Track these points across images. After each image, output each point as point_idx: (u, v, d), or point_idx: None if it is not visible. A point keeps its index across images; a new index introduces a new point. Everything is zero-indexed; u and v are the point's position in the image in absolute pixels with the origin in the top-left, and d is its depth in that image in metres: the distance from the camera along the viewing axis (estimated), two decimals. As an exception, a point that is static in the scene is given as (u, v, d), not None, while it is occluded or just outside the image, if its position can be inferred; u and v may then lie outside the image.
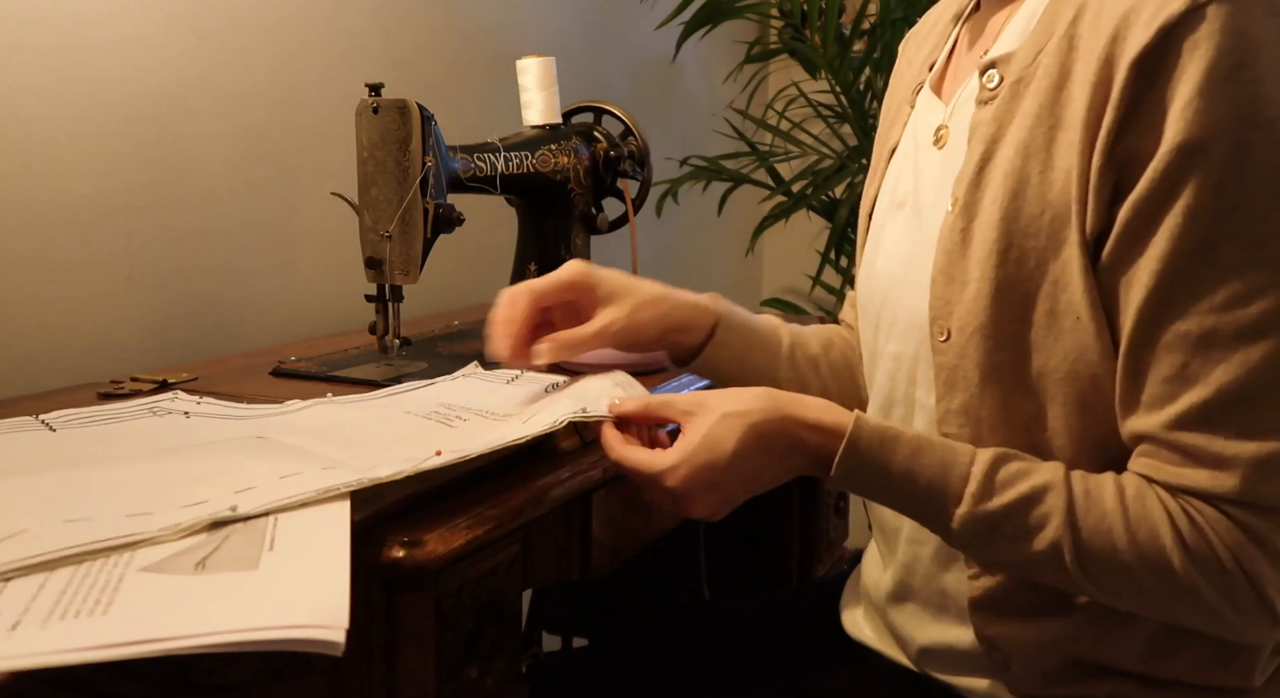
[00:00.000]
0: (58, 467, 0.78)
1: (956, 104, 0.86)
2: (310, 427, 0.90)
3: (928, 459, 0.77)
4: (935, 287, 0.82)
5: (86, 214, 1.21)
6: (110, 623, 0.55)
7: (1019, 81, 0.79)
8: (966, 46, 0.91)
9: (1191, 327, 0.71)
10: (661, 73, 2.38)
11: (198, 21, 1.31)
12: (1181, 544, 0.72)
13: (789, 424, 0.79)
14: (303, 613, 0.56)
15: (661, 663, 1.05)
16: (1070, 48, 0.76)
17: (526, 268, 1.36)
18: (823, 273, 2.34)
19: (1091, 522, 0.73)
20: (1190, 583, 0.72)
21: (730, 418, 0.78)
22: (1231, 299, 0.70)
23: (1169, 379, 0.72)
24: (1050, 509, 0.74)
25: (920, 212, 0.87)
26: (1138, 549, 0.72)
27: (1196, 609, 0.73)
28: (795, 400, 0.80)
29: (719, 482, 0.78)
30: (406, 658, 0.72)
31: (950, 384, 0.81)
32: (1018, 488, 0.75)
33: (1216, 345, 0.70)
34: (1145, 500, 0.73)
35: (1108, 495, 0.74)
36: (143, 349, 1.27)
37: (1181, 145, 0.69)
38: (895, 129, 0.97)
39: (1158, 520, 0.72)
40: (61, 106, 1.17)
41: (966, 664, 0.86)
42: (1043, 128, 0.76)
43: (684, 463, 0.77)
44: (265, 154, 1.41)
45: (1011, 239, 0.77)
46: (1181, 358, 0.71)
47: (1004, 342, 0.78)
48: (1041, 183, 0.76)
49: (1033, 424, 0.79)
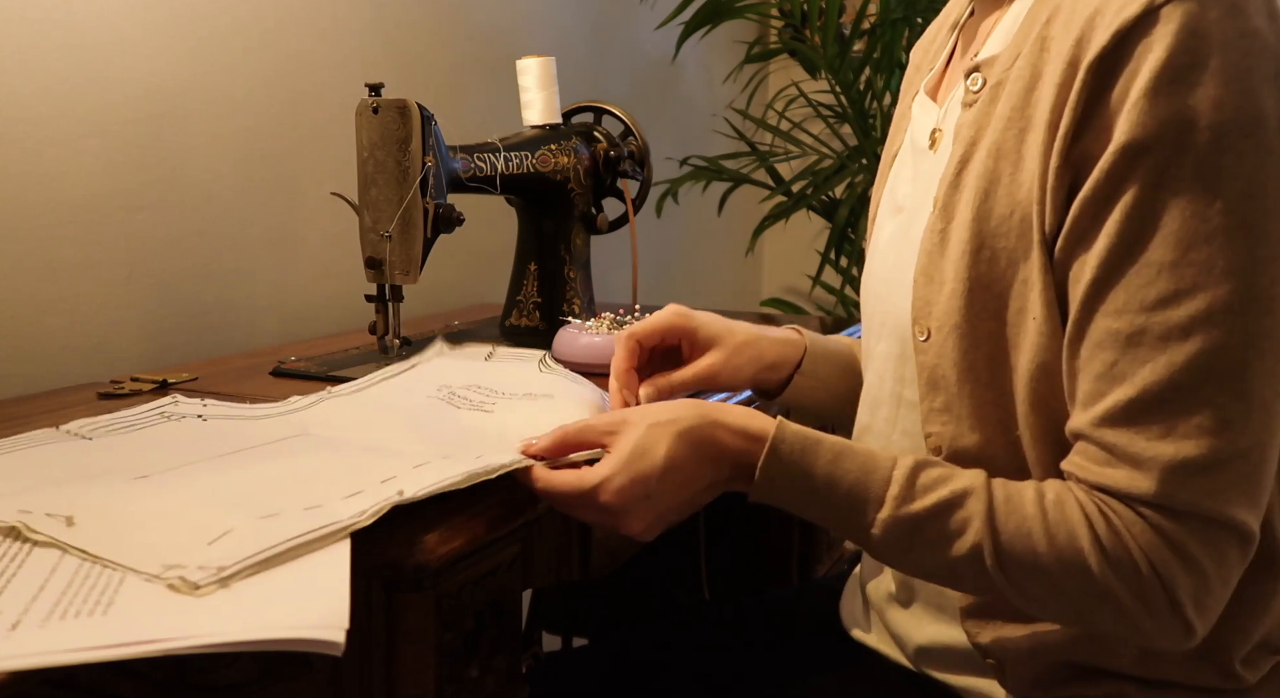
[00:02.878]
0: (145, 473, 0.76)
1: (948, 107, 0.87)
2: (351, 422, 0.91)
3: (849, 464, 0.77)
4: (916, 287, 0.83)
5: (86, 214, 1.21)
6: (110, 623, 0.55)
7: (998, 84, 0.79)
8: (960, 51, 0.92)
9: (1122, 325, 0.71)
10: (661, 73, 2.38)
11: (198, 22, 1.31)
12: (1099, 547, 0.71)
13: (715, 429, 0.78)
14: (303, 613, 0.56)
15: (661, 663, 1.05)
16: (1042, 50, 0.76)
17: (526, 268, 1.36)
18: (823, 273, 2.34)
19: (1012, 525, 0.73)
20: (1107, 586, 0.71)
21: (657, 427, 0.77)
22: (1161, 299, 0.70)
23: (1100, 377, 0.72)
24: (971, 513, 0.74)
25: (912, 215, 0.88)
26: (1056, 552, 0.72)
27: (1113, 614, 0.72)
28: (719, 407, 0.80)
29: (653, 493, 0.77)
30: (406, 658, 0.72)
31: (932, 383, 0.82)
32: (938, 492, 0.75)
33: (1144, 345, 0.70)
34: (1064, 505, 0.73)
35: (1027, 501, 0.74)
36: (143, 349, 1.27)
37: (1125, 145, 0.70)
38: (899, 134, 0.98)
39: (1076, 523, 0.72)
40: (62, 107, 1.17)
41: (965, 665, 0.87)
42: (1014, 130, 0.77)
43: (616, 474, 0.76)
44: (265, 154, 1.41)
45: (983, 240, 0.77)
46: (1112, 356, 0.71)
47: (978, 341, 0.79)
48: (1011, 184, 0.76)
49: (1009, 422, 0.79)
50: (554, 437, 0.80)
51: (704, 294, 2.55)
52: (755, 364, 0.98)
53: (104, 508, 0.68)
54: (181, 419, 0.92)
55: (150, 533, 0.65)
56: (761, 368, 0.98)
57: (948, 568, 0.76)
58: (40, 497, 0.69)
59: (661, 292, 2.32)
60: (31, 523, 0.65)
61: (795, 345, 1.01)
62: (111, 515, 0.67)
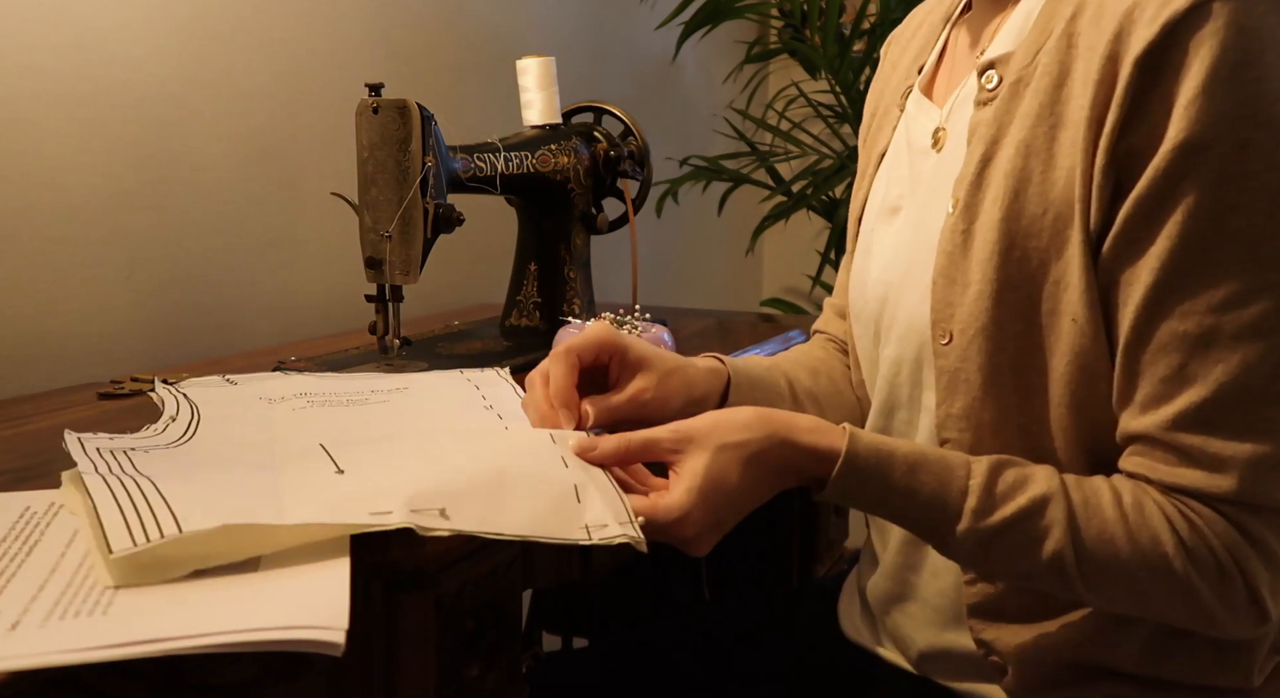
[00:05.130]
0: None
1: (954, 106, 0.86)
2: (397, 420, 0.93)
3: (925, 476, 0.75)
4: (936, 289, 0.81)
5: (86, 214, 1.21)
6: (110, 623, 0.55)
7: (1018, 81, 0.78)
8: (959, 48, 0.91)
9: (1190, 326, 0.71)
10: (661, 73, 2.38)
11: (198, 23, 1.31)
12: (1182, 547, 0.72)
13: (785, 449, 0.76)
14: (303, 613, 0.56)
15: (661, 663, 1.05)
16: (1069, 46, 0.76)
17: (526, 268, 1.36)
18: (822, 273, 2.34)
19: (1094, 531, 0.73)
20: (1189, 585, 0.72)
21: (728, 450, 0.74)
22: (1230, 299, 0.70)
23: (1166, 379, 0.72)
24: (1051, 521, 0.73)
25: (917, 215, 0.87)
26: (1141, 556, 0.72)
27: (1192, 610, 0.73)
28: (788, 422, 0.77)
29: (723, 520, 0.75)
30: (406, 658, 0.72)
31: (951, 388, 0.81)
32: (1017, 501, 0.74)
33: (1215, 345, 0.70)
34: (1144, 507, 0.73)
35: (1106, 504, 0.74)
36: (143, 349, 1.27)
37: (1183, 143, 0.69)
38: (883, 133, 0.97)
39: (1158, 526, 0.72)
40: (62, 107, 1.17)
41: (964, 668, 0.86)
42: (1043, 127, 0.76)
43: (696, 507, 0.72)
44: (265, 154, 1.41)
45: (1013, 239, 0.76)
46: (1179, 358, 0.71)
47: (1006, 343, 0.78)
48: (1043, 182, 0.76)
49: (1033, 426, 0.79)
50: (617, 446, 0.75)
51: (704, 294, 2.54)
52: (683, 395, 0.89)
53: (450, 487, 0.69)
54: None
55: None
56: (689, 401, 0.89)
57: (1028, 574, 0.75)
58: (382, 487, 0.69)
59: (661, 292, 2.31)
60: (420, 521, 0.65)
61: (719, 376, 0.94)
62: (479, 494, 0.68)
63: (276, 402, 0.95)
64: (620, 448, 0.75)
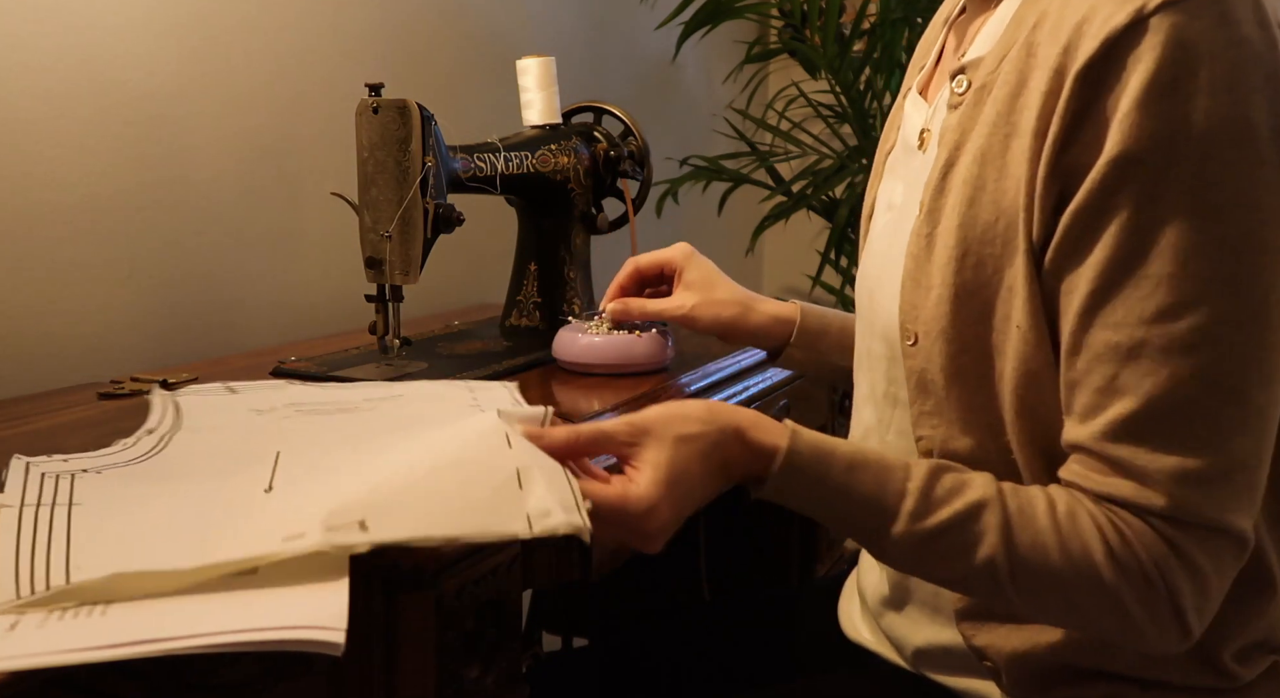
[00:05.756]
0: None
1: (935, 107, 0.87)
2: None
3: (863, 475, 0.75)
4: (904, 291, 0.82)
5: (86, 214, 1.21)
6: (109, 623, 0.55)
7: (983, 87, 0.79)
8: (951, 50, 0.92)
9: (1122, 338, 0.71)
10: (661, 73, 2.38)
11: (198, 22, 1.31)
12: (1111, 557, 0.71)
13: (735, 444, 0.75)
14: (302, 613, 0.56)
15: (661, 663, 1.05)
16: (1029, 55, 0.76)
17: (526, 268, 1.36)
18: (823, 273, 2.34)
19: (1027, 539, 0.73)
20: (1118, 596, 0.72)
21: (684, 444, 0.73)
22: (1160, 312, 0.69)
23: (1099, 390, 0.72)
24: (985, 527, 0.73)
25: (901, 215, 0.88)
26: (1071, 564, 0.72)
27: (1119, 622, 0.73)
28: (735, 417, 0.76)
29: (682, 514, 0.73)
30: (406, 658, 0.72)
31: (921, 387, 0.82)
32: (953, 505, 0.74)
33: (1145, 358, 0.70)
34: (1076, 516, 0.73)
35: (1040, 512, 0.73)
36: (143, 349, 1.27)
37: (1117, 157, 0.69)
38: (892, 131, 0.98)
39: (1089, 536, 0.72)
40: (62, 107, 1.17)
41: (962, 666, 0.87)
42: (999, 135, 0.76)
43: (664, 499, 0.71)
44: (265, 154, 1.41)
45: (969, 246, 0.77)
46: (1111, 368, 0.71)
47: (965, 346, 0.78)
48: (996, 190, 0.76)
49: (998, 426, 0.79)
50: (566, 436, 0.72)
51: (704, 294, 2.54)
52: (732, 326, 1.09)
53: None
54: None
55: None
56: (742, 333, 1.10)
57: (960, 578, 0.76)
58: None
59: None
60: (336, 540, 0.61)
61: (785, 323, 1.09)
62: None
63: (265, 412, 0.93)
64: (569, 438, 0.72)
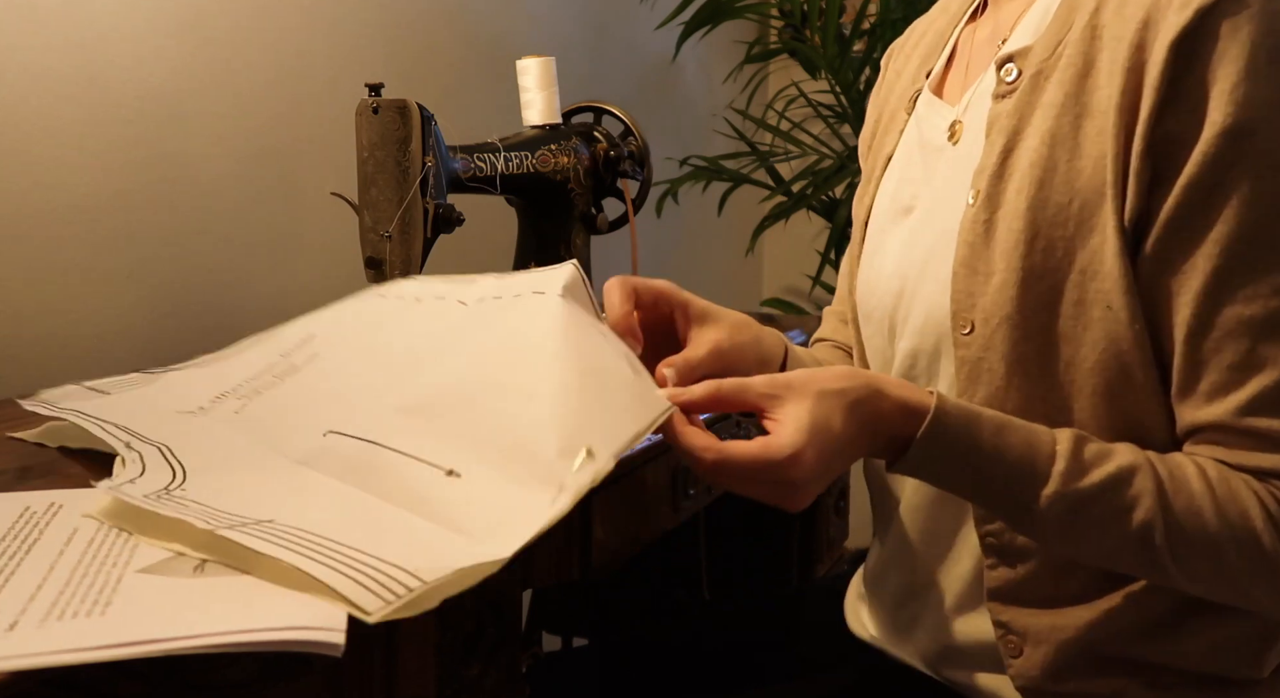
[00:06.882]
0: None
1: (971, 100, 0.87)
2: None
3: (1012, 437, 0.73)
4: (957, 280, 0.81)
5: (86, 214, 1.21)
6: (109, 623, 0.55)
7: (1039, 73, 0.79)
8: (973, 46, 0.92)
9: (1255, 311, 0.71)
10: (661, 73, 2.38)
11: (198, 22, 1.31)
12: (1271, 523, 0.72)
13: (881, 401, 0.73)
14: (303, 614, 0.56)
15: (661, 663, 1.05)
16: (1094, 37, 0.76)
17: (526, 268, 1.36)
18: (823, 273, 2.34)
19: (1182, 502, 0.72)
20: (1276, 562, 0.72)
21: (829, 397, 0.71)
22: None
23: (1234, 366, 0.72)
24: (1140, 490, 0.72)
25: (933, 209, 0.87)
26: (1229, 529, 0.72)
27: (1268, 587, 0.73)
28: (879, 376, 0.75)
29: (831, 468, 0.71)
30: (406, 658, 0.72)
31: (973, 378, 0.80)
32: (1105, 468, 0.73)
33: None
34: (1230, 482, 0.73)
35: (1191, 475, 0.73)
36: (143, 349, 1.27)
37: (1230, 129, 0.70)
38: (890, 137, 0.97)
39: (1247, 501, 0.72)
40: (62, 107, 1.17)
41: (974, 660, 0.86)
42: (1069, 117, 0.76)
43: (809, 446, 0.68)
44: (266, 154, 1.41)
45: (1039, 228, 0.76)
46: (1247, 343, 0.71)
47: (1031, 333, 0.77)
48: (1069, 171, 0.76)
49: (1057, 416, 0.78)
50: (706, 391, 0.71)
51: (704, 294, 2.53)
52: (755, 351, 0.86)
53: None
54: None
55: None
56: (760, 359, 0.87)
57: (1111, 546, 0.74)
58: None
59: (661, 292, 2.31)
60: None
61: (780, 342, 0.92)
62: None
63: (198, 413, 0.83)
64: (711, 392, 0.71)
